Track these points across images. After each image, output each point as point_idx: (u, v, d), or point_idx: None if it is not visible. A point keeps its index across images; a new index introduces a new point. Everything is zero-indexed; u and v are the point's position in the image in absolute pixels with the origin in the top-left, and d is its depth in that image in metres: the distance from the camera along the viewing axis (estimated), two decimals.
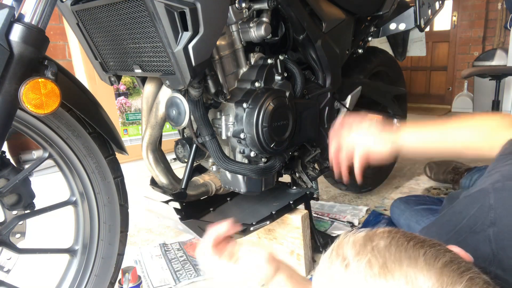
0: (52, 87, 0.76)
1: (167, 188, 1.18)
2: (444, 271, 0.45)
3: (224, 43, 1.06)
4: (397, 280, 0.45)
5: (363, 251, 0.49)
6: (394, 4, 1.53)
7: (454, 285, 0.44)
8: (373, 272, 0.46)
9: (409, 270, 0.45)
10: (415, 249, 0.48)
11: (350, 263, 0.49)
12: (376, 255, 0.48)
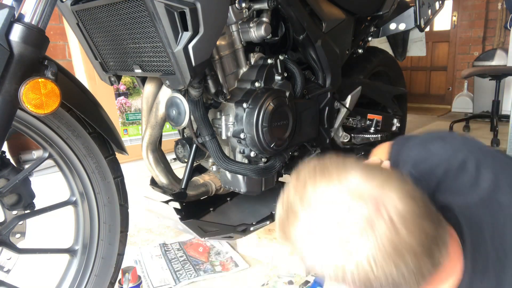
0: (52, 87, 0.76)
1: (167, 188, 1.18)
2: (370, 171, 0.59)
3: (224, 43, 1.06)
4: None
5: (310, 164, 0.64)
6: (394, 4, 1.53)
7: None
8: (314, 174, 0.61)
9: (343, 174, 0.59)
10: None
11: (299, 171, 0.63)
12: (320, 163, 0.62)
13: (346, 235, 0.55)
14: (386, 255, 0.54)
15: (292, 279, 1.31)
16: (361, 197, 0.56)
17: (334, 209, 0.57)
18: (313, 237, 0.58)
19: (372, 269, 0.55)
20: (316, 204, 0.58)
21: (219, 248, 1.54)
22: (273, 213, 1.25)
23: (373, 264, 0.55)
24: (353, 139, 1.50)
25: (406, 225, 0.55)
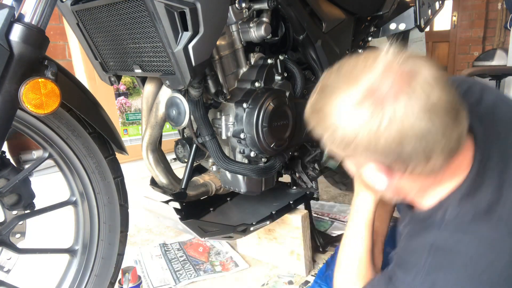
0: (52, 87, 0.76)
1: (167, 188, 1.18)
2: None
3: (224, 43, 1.06)
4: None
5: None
6: (394, 4, 1.53)
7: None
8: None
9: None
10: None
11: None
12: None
13: (381, 97, 0.60)
14: (421, 112, 0.59)
15: (292, 279, 1.31)
16: (395, 68, 0.61)
17: (369, 77, 0.61)
18: (349, 103, 0.62)
19: (405, 128, 0.59)
20: (350, 76, 0.64)
21: (219, 248, 1.54)
22: (273, 213, 1.25)
23: (407, 123, 0.59)
24: None
25: (440, 85, 0.60)
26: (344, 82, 0.65)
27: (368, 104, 0.61)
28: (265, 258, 1.43)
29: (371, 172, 0.70)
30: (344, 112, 0.64)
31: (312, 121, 0.73)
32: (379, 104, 0.60)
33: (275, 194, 1.38)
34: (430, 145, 0.61)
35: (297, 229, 1.29)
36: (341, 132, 0.65)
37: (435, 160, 0.63)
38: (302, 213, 1.30)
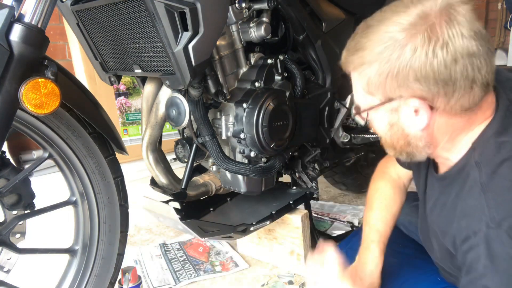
0: (52, 87, 0.76)
1: (167, 188, 1.18)
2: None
3: (224, 43, 1.06)
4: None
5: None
6: None
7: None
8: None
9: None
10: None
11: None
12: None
13: (432, 22, 0.64)
14: (470, 35, 0.65)
15: (292, 279, 1.31)
16: (438, 2, 0.65)
17: (418, 7, 0.66)
18: (400, 29, 0.65)
19: (457, 49, 0.64)
20: (397, 10, 0.67)
21: (219, 248, 1.54)
22: (273, 213, 1.25)
23: (459, 44, 0.64)
24: (353, 139, 1.50)
25: (478, 20, 0.66)
26: (391, 14, 0.68)
27: (421, 28, 0.64)
28: (265, 258, 1.43)
29: (410, 111, 0.70)
30: (395, 41, 0.66)
31: (354, 61, 0.72)
32: (432, 28, 0.64)
33: (275, 194, 1.38)
34: (475, 69, 0.65)
35: (297, 229, 1.30)
36: (392, 62, 0.66)
37: (475, 90, 0.66)
38: (302, 213, 1.30)
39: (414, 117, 0.71)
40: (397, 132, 0.75)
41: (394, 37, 0.66)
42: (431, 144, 0.76)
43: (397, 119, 0.73)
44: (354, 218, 1.71)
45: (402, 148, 0.78)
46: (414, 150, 0.78)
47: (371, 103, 0.75)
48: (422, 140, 0.75)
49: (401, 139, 0.76)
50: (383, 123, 0.76)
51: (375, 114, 0.76)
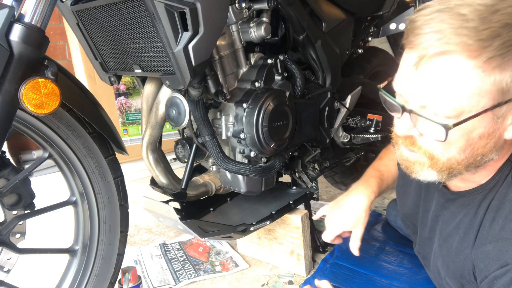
0: (52, 87, 0.76)
1: (167, 188, 1.18)
2: None
3: (224, 43, 1.06)
4: None
5: None
6: (394, 4, 1.53)
7: None
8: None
9: None
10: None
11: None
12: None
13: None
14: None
15: (292, 279, 1.31)
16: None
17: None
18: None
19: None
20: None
21: (219, 248, 1.54)
22: (273, 213, 1.25)
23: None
24: (353, 139, 1.50)
25: None
26: None
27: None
28: (265, 258, 1.43)
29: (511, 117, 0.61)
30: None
31: (435, 24, 0.59)
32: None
33: (275, 194, 1.38)
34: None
35: (297, 229, 1.29)
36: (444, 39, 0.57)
37: None
38: (302, 213, 1.30)
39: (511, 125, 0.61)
40: (484, 145, 0.63)
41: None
42: (500, 156, 0.68)
43: (497, 128, 0.62)
44: None
45: (467, 167, 0.66)
46: (472, 167, 0.67)
47: (474, 109, 0.59)
48: (498, 152, 0.66)
49: (482, 153, 0.64)
50: (472, 135, 0.62)
51: (470, 124, 0.60)
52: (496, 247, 0.67)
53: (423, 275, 1.20)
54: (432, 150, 0.66)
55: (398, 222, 1.46)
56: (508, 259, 0.65)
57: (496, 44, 0.55)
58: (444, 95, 0.59)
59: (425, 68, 0.61)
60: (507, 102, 0.58)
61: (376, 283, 1.20)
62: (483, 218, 0.71)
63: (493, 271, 0.67)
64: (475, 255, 0.72)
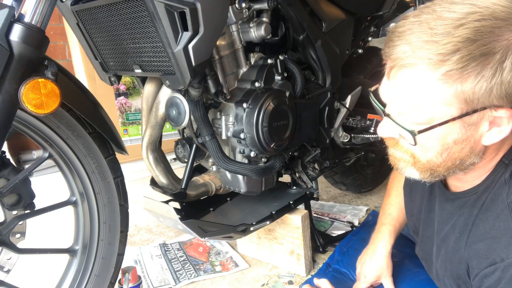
0: (52, 87, 0.76)
1: (167, 188, 1.18)
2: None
3: (224, 43, 1.06)
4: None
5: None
6: (394, 4, 1.53)
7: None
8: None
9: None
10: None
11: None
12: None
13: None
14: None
15: (292, 279, 1.31)
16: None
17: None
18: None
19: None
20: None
21: (219, 248, 1.54)
22: (273, 213, 1.25)
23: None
24: (353, 139, 1.50)
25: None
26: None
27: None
28: (265, 258, 1.43)
29: (486, 125, 0.63)
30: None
31: (435, 58, 0.60)
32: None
33: (275, 194, 1.38)
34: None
35: (297, 229, 1.29)
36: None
37: None
38: (302, 213, 1.30)
39: (489, 130, 0.64)
40: (460, 150, 0.66)
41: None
42: (486, 159, 0.70)
43: (471, 134, 0.65)
44: (354, 218, 1.71)
45: (447, 169, 0.70)
46: (458, 169, 0.70)
47: (443, 116, 0.63)
48: (479, 156, 0.68)
49: (459, 158, 0.67)
50: (446, 140, 0.66)
51: (440, 131, 0.65)
52: (486, 245, 0.69)
53: (424, 276, 1.20)
54: (413, 151, 0.71)
55: None
56: (496, 257, 0.67)
57: (455, 58, 0.58)
58: (413, 104, 0.65)
59: (396, 78, 0.66)
60: (475, 112, 0.62)
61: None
62: (476, 218, 0.73)
63: (483, 269, 0.69)
64: (468, 254, 0.74)
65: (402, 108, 0.67)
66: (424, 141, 0.67)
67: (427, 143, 0.67)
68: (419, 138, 0.66)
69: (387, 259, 1.11)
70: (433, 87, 0.61)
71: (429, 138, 0.66)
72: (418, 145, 0.67)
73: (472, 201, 0.75)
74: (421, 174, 0.72)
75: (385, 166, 2.04)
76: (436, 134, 0.65)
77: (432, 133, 0.65)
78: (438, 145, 0.66)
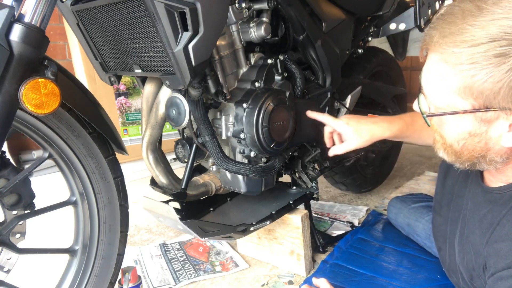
0: (52, 87, 0.76)
1: (167, 188, 1.18)
2: None
3: (224, 43, 1.06)
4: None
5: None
6: (394, 4, 1.53)
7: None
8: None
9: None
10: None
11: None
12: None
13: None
14: None
15: (292, 279, 1.31)
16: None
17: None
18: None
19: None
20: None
21: (219, 248, 1.54)
22: (273, 213, 1.25)
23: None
24: None
25: None
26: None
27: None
28: (265, 258, 1.43)
29: (505, 126, 0.63)
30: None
31: (455, 53, 0.61)
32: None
33: (275, 194, 1.38)
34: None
35: (297, 229, 1.30)
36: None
37: None
38: (302, 213, 1.30)
39: (508, 133, 0.64)
40: (476, 143, 0.67)
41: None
42: (508, 160, 0.70)
43: (484, 130, 0.65)
44: (354, 218, 1.71)
45: (470, 159, 0.71)
46: (483, 163, 0.71)
47: (456, 106, 0.65)
48: (502, 156, 0.68)
49: (477, 151, 0.68)
50: (461, 130, 0.68)
51: (455, 119, 0.67)
52: (507, 246, 0.69)
53: (423, 274, 1.21)
54: (441, 133, 0.74)
55: (399, 221, 1.46)
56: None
57: (469, 52, 0.61)
58: (432, 88, 0.69)
59: (427, 60, 0.69)
60: (488, 110, 0.63)
61: (376, 282, 1.20)
62: (503, 217, 0.73)
63: (499, 270, 0.69)
64: (487, 251, 0.74)
65: (426, 89, 0.70)
66: (440, 125, 0.71)
67: (444, 128, 0.71)
68: (435, 120, 0.71)
69: (372, 140, 1.08)
70: (448, 75, 0.63)
71: (444, 124, 0.70)
72: (439, 128, 0.71)
73: (503, 200, 0.74)
74: (448, 157, 0.75)
75: (385, 166, 2.04)
76: (450, 122, 0.68)
77: (446, 119, 0.68)
78: (454, 132, 0.69)
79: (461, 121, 0.67)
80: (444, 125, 0.70)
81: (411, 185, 2.09)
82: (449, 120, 0.68)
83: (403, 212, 1.44)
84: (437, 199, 1.07)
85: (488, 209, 0.78)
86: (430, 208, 1.34)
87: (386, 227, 1.55)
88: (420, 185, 2.09)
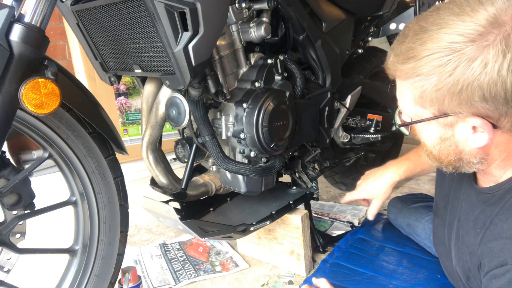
0: (52, 87, 0.76)
1: (167, 188, 1.18)
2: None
3: (224, 43, 1.06)
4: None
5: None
6: (394, 4, 1.53)
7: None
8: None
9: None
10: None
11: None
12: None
13: (508, 31, 0.57)
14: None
15: (292, 279, 1.31)
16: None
17: (489, 9, 0.59)
18: (466, 39, 0.59)
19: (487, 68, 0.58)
20: (460, 12, 0.61)
21: (219, 248, 1.54)
22: (273, 213, 1.25)
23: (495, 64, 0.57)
24: (353, 139, 1.50)
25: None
26: (453, 17, 0.60)
27: (493, 39, 0.56)
28: (265, 258, 1.43)
29: (468, 128, 0.65)
30: (461, 54, 0.58)
31: (406, 70, 0.66)
32: (508, 39, 0.56)
33: (275, 194, 1.38)
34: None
35: (297, 229, 1.30)
36: (456, 77, 0.59)
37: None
38: (302, 213, 1.30)
39: (472, 135, 0.66)
40: (448, 147, 0.71)
41: (460, 49, 0.58)
42: (486, 161, 0.72)
43: (451, 134, 0.68)
44: (354, 218, 1.71)
45: (450, 163, 0.73)
46: (465, 165, 0.73)
47: (421, 115, 0.69)
48: (476, 157, 0.70)
49: (452, 154, 0.71)
50: (433, 136, 0.72)
51: (424, 127, 0.72)
52: (500, 244, 0.70)
53: (423, 274, 1.21)
54: (422, 140, 0.78)
55: (399, 221, 1.46)
56: (508, 258, 0.67)
57: (411, 65, 0.66)
58: (401, 103, 0.74)
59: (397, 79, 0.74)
60: (446, 116, 0.66)
61: (376, 282, 1.20)
62: (495, 216, 0.74)
63: (493, 268, 0.69)
64: (481, 251, 0.75)
65: (399, 103, 0.76)
66: (419, 133, 0.76)
67: (421, 136, 0.75)
68: (416, 130, 0.76)
69: (390, 187, 1.18)
70: (405, 89, 0.69)
71: (420, 132, 0.75)
72: (420, 136, 0.76)
73: (495, 199, 0.76)
74: (432, 162, 0.78)
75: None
76: (422, 130, 0.73)
77: (420, 127, 0.73)
78: (429, 138, 0.73)
79: (429, 128, 0.71)
80: (420, 133, 0.75)
81: (411, 185, 2.09)
82: (421, 128, 0.73)
83: (403, 212, 1.44)
84: (436, 202, 1.07)
85: (481, 209, 0.79)
86: (430, 208, 1.34)
87: (386, 227, 1.55)
88: (420, 185, 2.09)
